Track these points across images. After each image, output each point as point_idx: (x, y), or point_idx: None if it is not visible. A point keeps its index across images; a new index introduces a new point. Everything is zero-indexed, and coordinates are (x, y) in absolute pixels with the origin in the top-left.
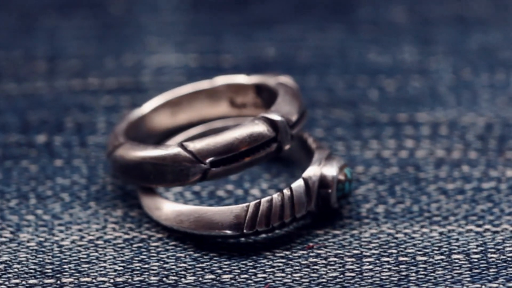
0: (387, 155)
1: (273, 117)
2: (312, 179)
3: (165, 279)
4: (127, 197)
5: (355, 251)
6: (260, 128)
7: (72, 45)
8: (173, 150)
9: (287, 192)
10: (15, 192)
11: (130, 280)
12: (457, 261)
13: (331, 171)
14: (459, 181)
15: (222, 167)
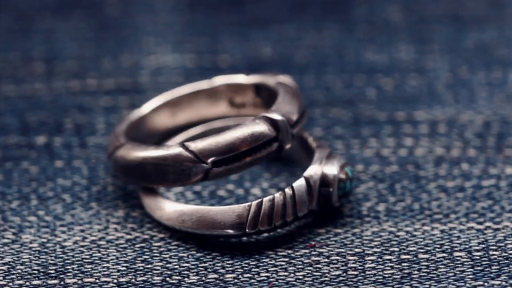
0: (387, 154)
1: (274, 116)
2: (313, 178)
3: (168, 279)
4: (128, 197)
5: (357, 250)
6: (261, 127)
7: (69, 47)
8: (174, 150)
9: (289, 191)
10: (17, 193)
11: (133, 280)
12: (459, 258)
13: (332, 170)
14: (459, 179)
15: (223, 167)
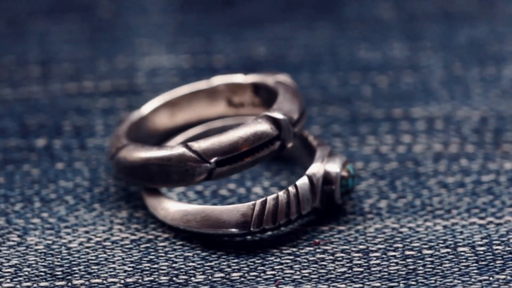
0: (385, 151)
1: (276, 115)
2: (316, 176)
3: (175, 279)
4: (131, 198)
5: (361, 246)
6: (263, 126)
7: (63, 49)
8: (178, 150)
9: (292, 189)
10: (19, 196)
11: (140, 280)
12: (463, 253)
13: (334, 167)
14: (458, 175)
15: (227, 166)
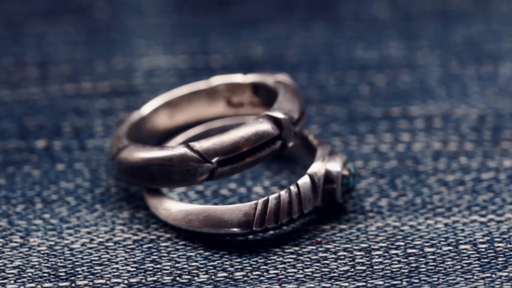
0: (385, 149)
1: (276, 115)
2: (317, 175)
3: (178, 278)
4: (132, 198)
5: (363, 245)
6: (264, 126)
7: (61, 51)
8: (179, 150)
9: (294, 188)
10: (21, 197)
11: (144, 280)
12: (465, 251)
13: (335, 166)
14: (458, 173)
15: (228, 166)
